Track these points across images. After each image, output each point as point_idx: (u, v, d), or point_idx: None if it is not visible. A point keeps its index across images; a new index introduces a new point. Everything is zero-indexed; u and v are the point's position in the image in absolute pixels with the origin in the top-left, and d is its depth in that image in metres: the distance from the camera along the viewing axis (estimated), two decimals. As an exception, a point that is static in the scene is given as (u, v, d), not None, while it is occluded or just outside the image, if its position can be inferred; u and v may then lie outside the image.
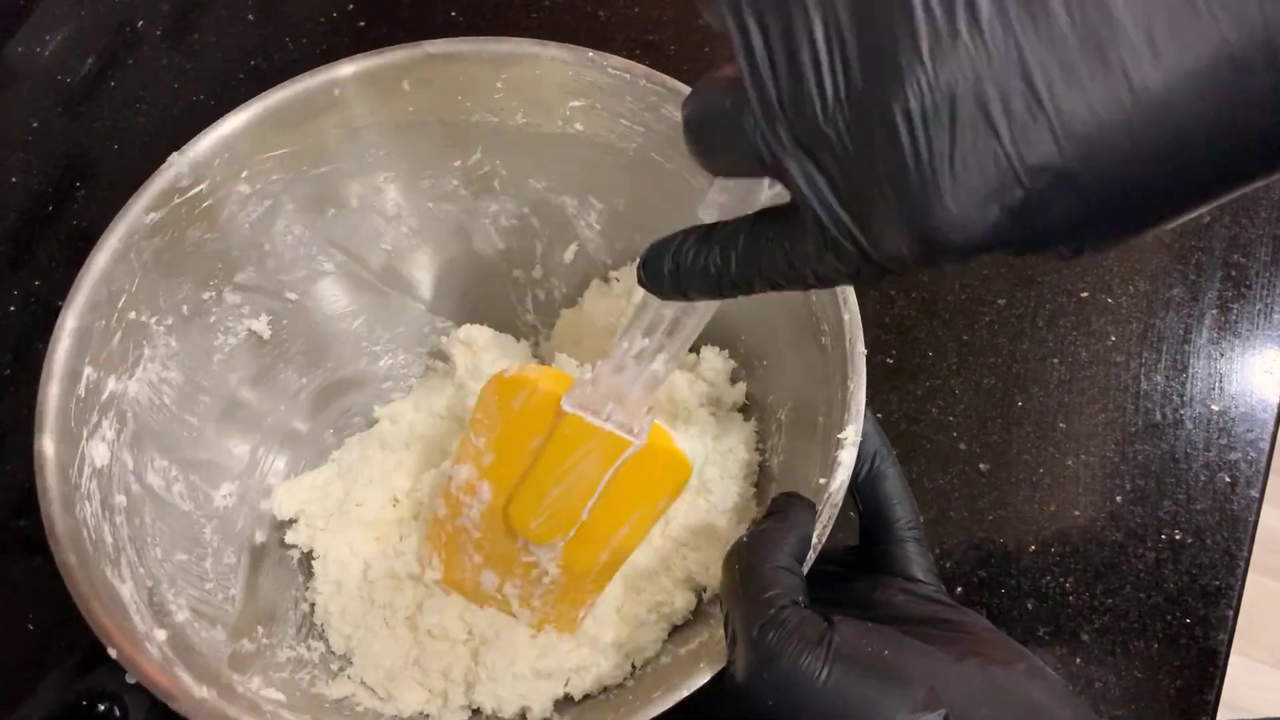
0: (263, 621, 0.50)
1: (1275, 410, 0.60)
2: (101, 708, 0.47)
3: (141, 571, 0.44)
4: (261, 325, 0.54)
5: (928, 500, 0.58)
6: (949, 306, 0.63)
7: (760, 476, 0.53)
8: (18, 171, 0.64)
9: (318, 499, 0.54)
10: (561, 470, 0.44)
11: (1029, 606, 0.56)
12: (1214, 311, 0.63)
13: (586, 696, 0.49)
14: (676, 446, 0.44)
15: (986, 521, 0.58)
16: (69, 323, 0.44)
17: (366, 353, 0.60)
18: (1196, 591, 0.56)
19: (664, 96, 0.50)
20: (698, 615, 0.51)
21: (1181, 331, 0.63)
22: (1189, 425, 0.60)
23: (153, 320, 0.48)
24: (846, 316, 0.44)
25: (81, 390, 0.44)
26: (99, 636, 0.39)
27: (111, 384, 0.46)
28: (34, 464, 0.42)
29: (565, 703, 0.49)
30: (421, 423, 0.58)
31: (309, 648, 0.51)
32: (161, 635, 0.42)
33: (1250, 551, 0.57)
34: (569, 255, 0.59)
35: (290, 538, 0.53)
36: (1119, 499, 0.58)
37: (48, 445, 0.42)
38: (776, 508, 0.42)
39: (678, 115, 0.48)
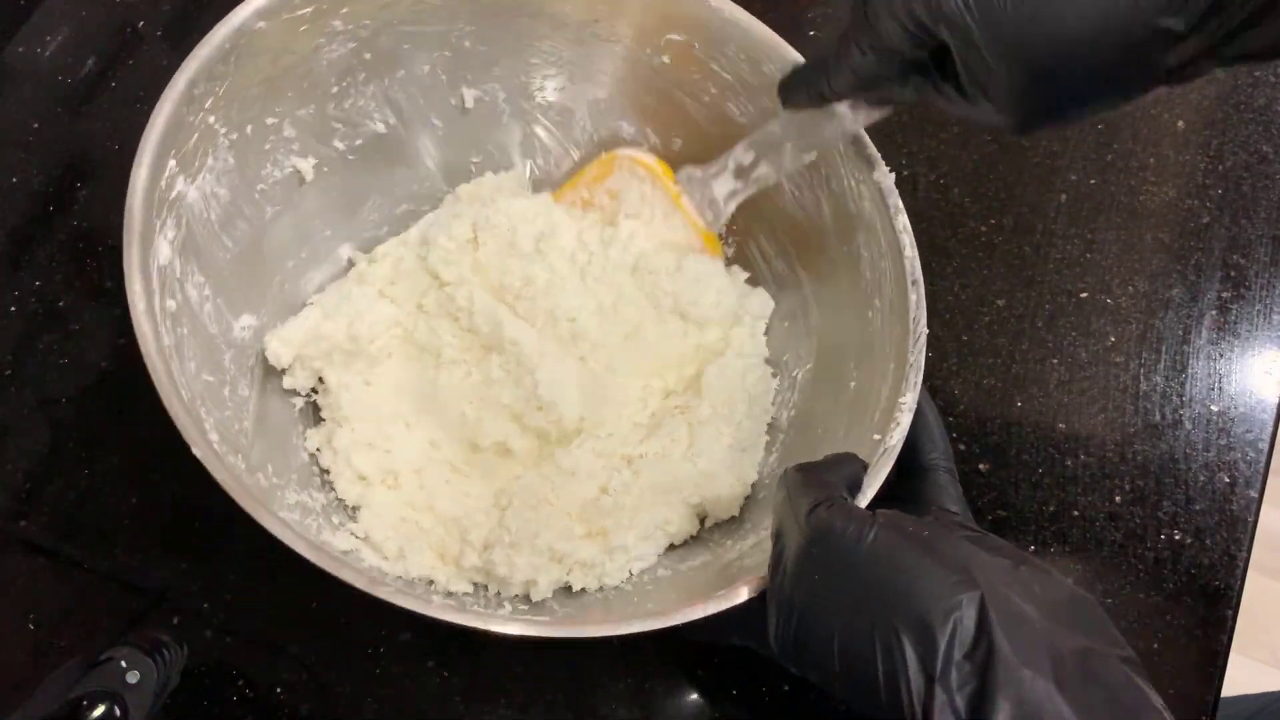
0: (273, 460, 0.50)
1: (1275, 410, 0.61)
2: (101, 708, 0.46)
3: (183, 380, 0.44)
4: (306, 166, 0.55)
5: (928, 500, 0.58)
6: (949, 306, 0.63)
7: (770, 427, 0.56)
8: (18, 171, 0.64)
9: (313, 341, 0.54)
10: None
11: (1029, 606, 0.56)
12: (1213, 312, 0.63)
13: (583, 590, 0.50)
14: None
15: (986, 521, 0.58)
16: (166, 108, 0.45)
17: (390, 217, 0.61)
18: (1196, 591, 0.56)
19: (768, 52, 0.53)
20: (698, 540, 0.53)
21: (1181, 332, 0.63)
22: (1188, 425, 0.60)
23: (223, 130, 0.49)
24: (913, 296, 0.49)
25: (163, 181, 0.45)
26: (183, 434, 0.40)
27: (180, 184, 0.47)
28: (123, 238, 0.42)
29: (564, 592, 0.51)
30: (402, 260, 0.59)
31: (311, 497, 0.51)
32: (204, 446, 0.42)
33: (1250, 551, 0.57)
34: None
35: (288, 383, 0.54)
36: (1119, 499, 0.58)
37: (138, 221, 0.43)
38: (828, 456, 0.45)
39: (775, 73, 0.52)
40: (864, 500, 0.44)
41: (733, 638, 0.46)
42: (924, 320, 0.48)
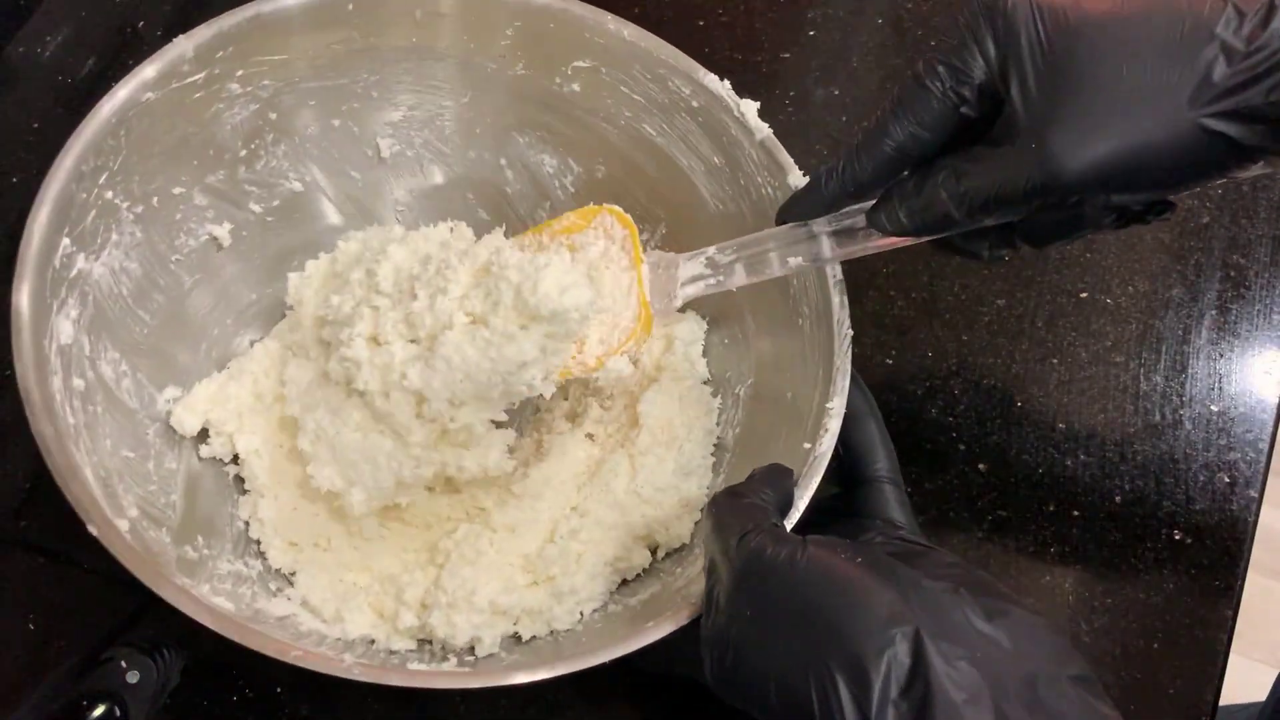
0: (203, 532, 0.49)
1: (1275, 410, 0.61)
2: (101, 708, 0.46)
3: (96, 460, 0.44)
4: (223, 232, 0.54)
5: (928, 500, 0.58)
6: (949, 307, 0.63)
7: (716, 448, 0.56)
8: (18, 171, 0.64)
9: (219, 405, 0.53)
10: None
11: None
12: (1213, 312, 0.63)
13: (534, 638, 0.50)
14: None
15: (986, 521, 0.58)
16: (54, 187, 0.44)
17: None
18: (1196, 591, 0.56)
19: (673, 70, 0.52)
20: (649, 572, 0.52)
21: (1181, 332, 0.63)
22: (1188, 425, 0.60)
23: (125, 205, 0.48)
24: (836, 299, 0.48)
25: (57, 261, 0.44)
26: (78, 512, 0.39)
27: (81, 261, 0.46)
28: (10, 326, 0.42)
29: (513, 641, 0.50)
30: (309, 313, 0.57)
31: (247, 564, 0.51)
32: (124, 525, 0.42)
33: (1250, 551, 0.57)
34: (539, 215, 0.60)
35: (205, 452, 0.53)
36: (1119, 499, 0.58)
37: (25, 308, 0.42)
38: (755, 471, 0.44)
39: (684, 89, 0.52)
40: (797, 513, 0.43)
41: (677, 668, 0.45)
42: (848, 323, 0.47)
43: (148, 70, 0.47)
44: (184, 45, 0.47)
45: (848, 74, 0.71)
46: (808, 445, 0.46)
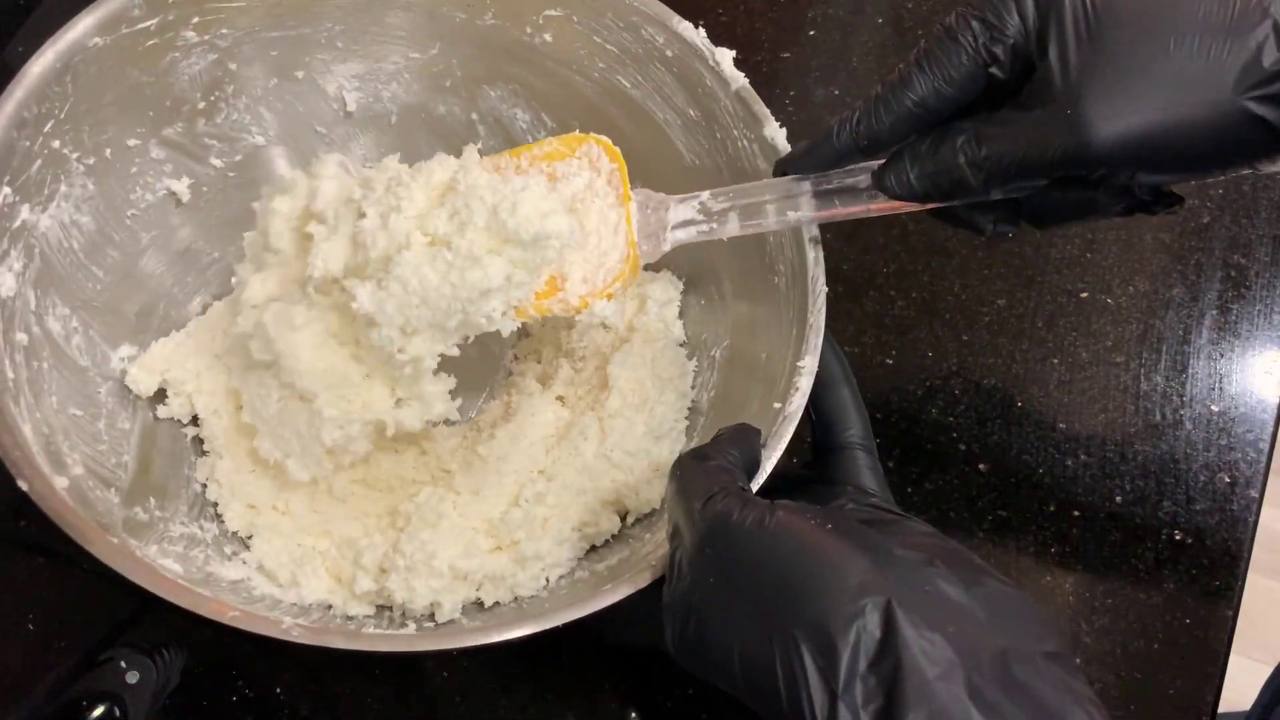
0: (155, 494, 0.48)
1: (1275, 411, 0.60)
2: (101, 708, 0.46)
3: (39, 416, 0.42)
4: (181, 187, 0.52)
5: (928, 500, 0.58)
6: (949, 306, 0.63)
7: (690, 411, 0.54)
8: (18, 171, 0.64)
9: (176, 364, 0.52)
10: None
11: (1029, 607, 0.56)
12: (1214, 312, 0.63)
13: (496, 604, 0.48)
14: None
15: (986, 521, 0.58)
16: None
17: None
18: (1196, 591, 0.56)
19: (646, 18, 0.50)
20: (618, 538, 0.51)
21: (1181, 332, 0.63)
22: (1189, 426, 0.60)
23: (75, 155, 0.47)
24: (811, 254, 0.46)
25: None
26: (9, 468, 0.38)
27: (25, 212, 0.44)
28: None
29: (474, 607, 0.49)
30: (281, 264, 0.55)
31: (201, 528, 0.49)
32: (63, 483, 0.40)
33: (1250, 552, 0.57)
34: None
35: (163, 412, 0.51)
36: (1119, 499, 0.58)
37: None
38: (722, 430, 0.42)
39: (657, 38, 0.50)
40: (764, 474, 0.42)
41: (646, 637, 0.43)
42: (823, 280, 0.46)
43: (94, 14, 0.44)
44: None
45: (848, 74, 0.70)
46: (778, 405, 0.44)
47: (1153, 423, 0.60)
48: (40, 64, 0.43)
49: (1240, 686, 0.71)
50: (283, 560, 0.49)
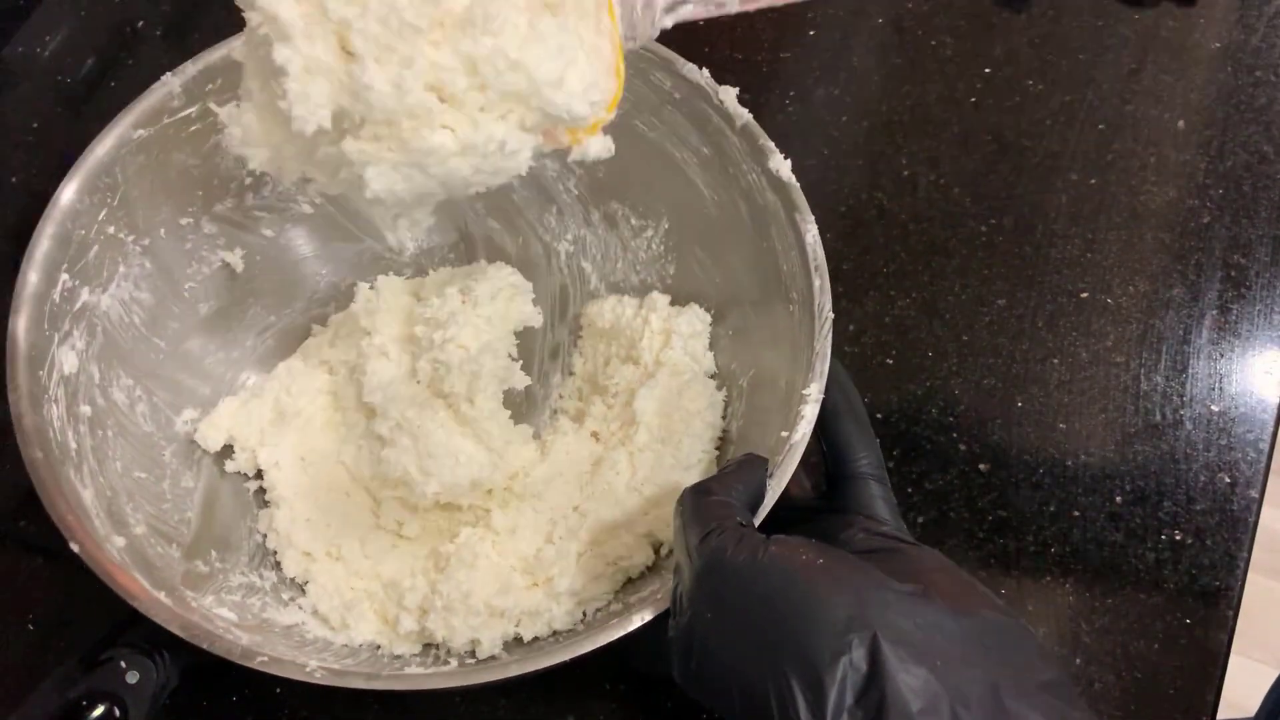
0: (217, 546, 0.50)
1: (1275, 411, 0.60)
2: (101, 708, 0.46)
3: (102, 481, 0.45)
4: (235, 258, 0.55)
5: (928, 500, 0.58)
6: (949, 306, 0.63)
7: (720, 440, 0.56)
8: (18, 171, 0.64)
9: (242, 422, 0.54)
10: None
11: (1029, 607, 0.56)
12: (1214, 312, 0.63)
13: (535, 639, 0.50)
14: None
15: (986, 521, 0.58)
16: (49, 227, 0.45)
17: (335, 295, 0.60)
18: (1196, 592, 0.56)
19: (653, 63, 0.52)
20: (652, 569, 0.52)
21: (1181, 332, 0.63)
22: (1189, 426, 0.60)
23: (130, 239, 0.49)
24: (816, 281, 0.47)
25: (57, 295, 0.45)
26: (63, 531, 0.41)
27: (85, 295, 0.47)
28: (5, 357, 0.43)
29: (514, 643, 0.50)
30: (342, 324, 0.59)
31: (261, 576, 0.52)
32: (120, 542, 0.43)
33: (1250, 552, 0.57)
34: (547, 220, 0.61)
35: (230, 466, 0.54)
36: (1119, 499, 0.58)
37: (21, 339, 0.44)
38: (730, 463, 0.44)
39: (665, 82, 0.52)
40: (766, 507, 0.42)
41: (659, 667, 0.44)
42: (828, 307, 0.47)
43: (136, 110, 0.47)
44: (171, 83, 0.48)
45: (848, 74, 0.71)
46: (784, 434, 0.45)
47: (1153, 423, 0.60)
48: (89, 161, 0.47)
49: (1240, 686, 0.71)
50: (335, 604, 0.51)
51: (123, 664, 0.48)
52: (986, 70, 0.70)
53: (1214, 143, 0.68)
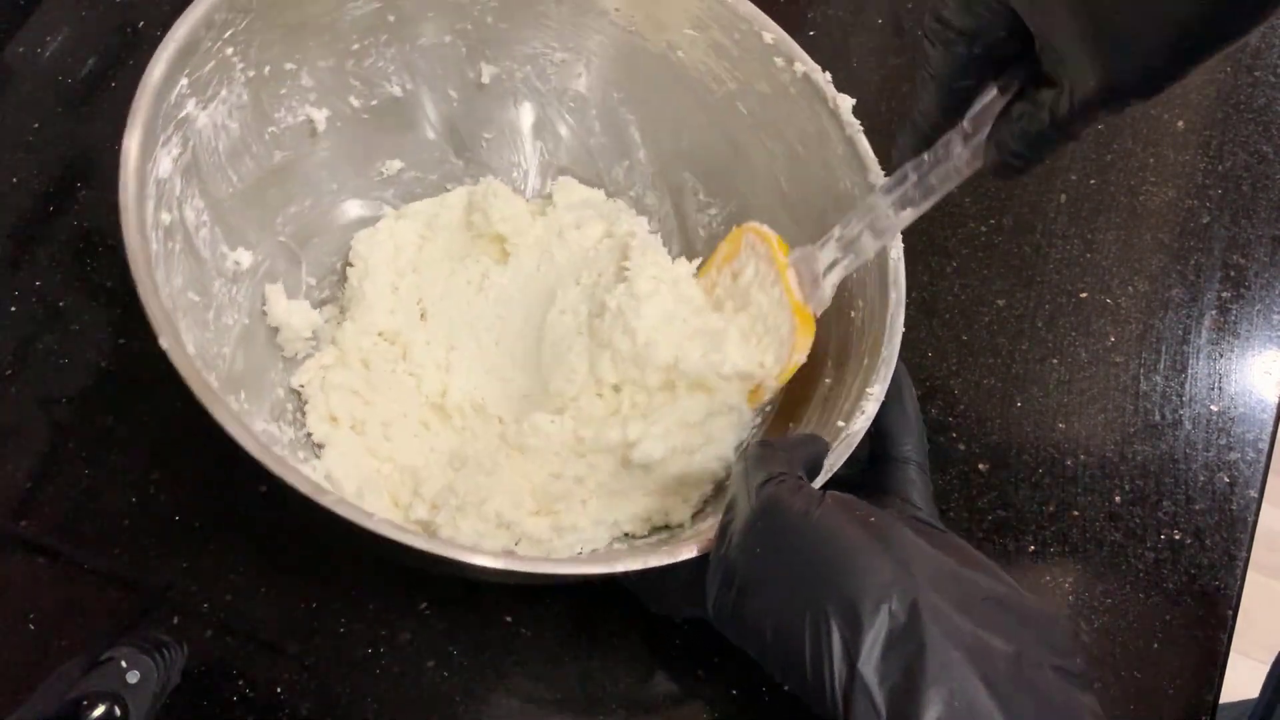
0: (245, 387, 0.51)
1: (1275, 410, 0.61)
2: (101, 708, 0.46)
3: (167, 291, 0.46)
4: (320, 117, 0.56)
5: (928, 500, 0.58)
6: (949, 306, 0.63)
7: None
8: (18, 171, 0.64)
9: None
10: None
11: (1029, 606, 0.56)
12: (1213, 312, 0.63)
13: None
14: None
15: (986, 521, 0.58)
16: (183, 29, 0.46)
17: (395, 181, 0.61)
18: (1196, 591, 0.56)
19: (776, 52, 0.54)
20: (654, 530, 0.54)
21: (1181, 332, 0.63)
22: (1188, 425, 0.60)
23: (240, 65, 0.51)
24: (894, 296, 0.49)
25: (173, 97, 0.47)
26: (154, 325, 0.40)
27: (190, 106, 0.48)
28: (121, 151, 0.44)
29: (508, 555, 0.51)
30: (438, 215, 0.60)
31: (279, 428, 0.53)
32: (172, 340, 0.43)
33: (1250, 551, 0.57)
34: (615, 172, 0.62)
35: (270, 320, 0.55)
36: (1118, 499, 0.58)
37: (136, 136, 0.44)
38: (793, 435, 0.46)
39: (783, 75, 0.54)
40: (819, 482, 0.43)
41: (683, 606, 0.46)
42: (901, 317, 0.48)
43: None
44: None
45: (848, 74, 0.71)
46: (841, 424, 0.46)
47: (1152, 423, 0.60)
48: None
49: (1240, 686, 0.71)
50: (350, 473, 0.52)
51: (123, 664, 0.48)
52: (986, 70, 0.70)
53: (1213, 143, 0.68)
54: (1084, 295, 0.64)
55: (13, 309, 0.60)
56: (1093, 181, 0.67)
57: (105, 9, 0.70)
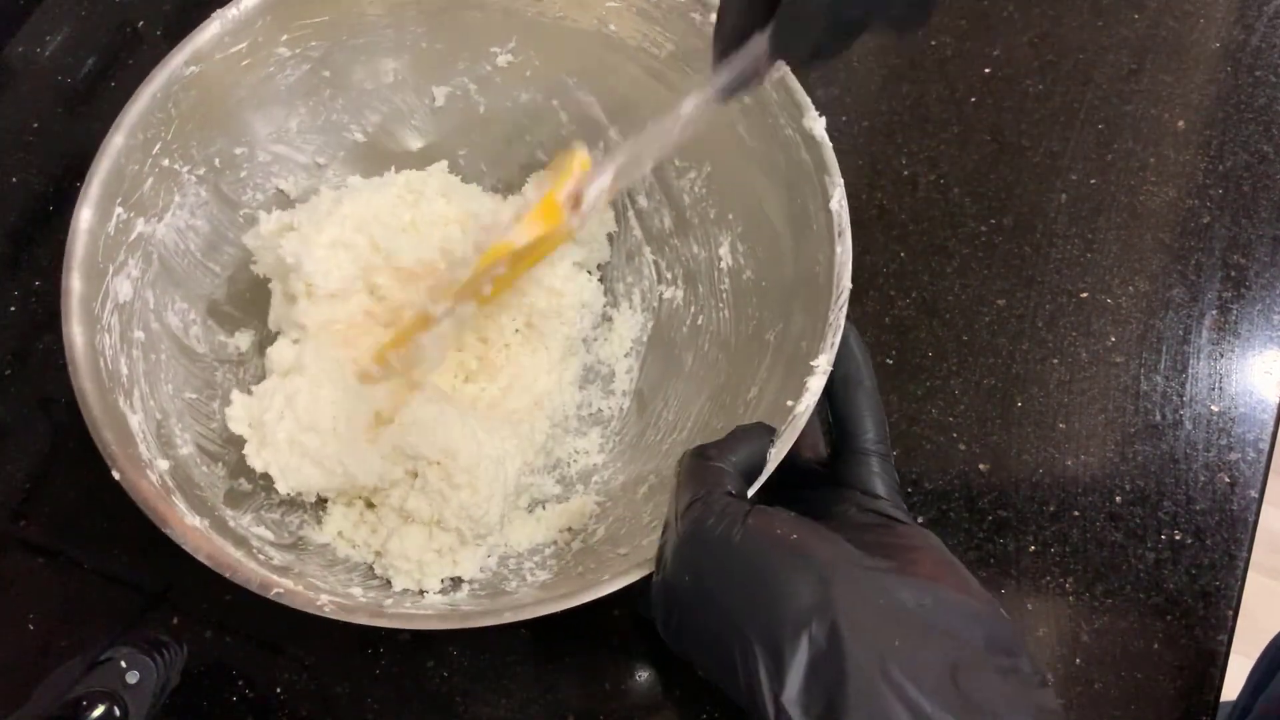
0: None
1: (1275, 410, 0.61)
2: (101, 708, 0.46)
3: (152, 404, 0.47)
4: (290, 185, 0.56)
5: (928, 500, 0.58)
6: (949, 306, 0.63)
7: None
8: (18, 171, 0.64)
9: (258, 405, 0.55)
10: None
11: (1029, 607, 0.56)
12: (1214, 312, 0.63)
13: (474, 580, 0.52)
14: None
15: (986, 521, 0.58)
16: (103, 164, 0.46)
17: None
18: (1196, 591, 0.56)
19: (692, 8, 0.52)
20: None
21: (1181, 332, 0.63)
22: (1189, 426, 0.60)
23: (185, 169, 0.51)
24: (838, 249, 0.46)
25: (111, 229, 0.47)
26: (106, 460, 0.42)
27: (140, 225, 0.48)
28: (60, 293, 0.44)
29: (452, 583, 0.52)
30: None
31: (302, 494, 0.52)
32: (164, 465, 0.44)
33: (1250, 552, 0.57)
34: (597, 155, 0.61)
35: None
36: (1119, 499, 0.58)
37: (75, 279, 0.45)
38: (737, 429, 0.44)
39: (708, 26, 0.51)
40: (766, 473, 0.43)
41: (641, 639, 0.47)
42: (847, 277, 0.45)
43: (187, 47, 0.48)
44: (215, 26, 0.48)
45: (848, 74, 0.71)
46: (790, 403, 0.44)
47: (1153, 423, 0.60)
48: (140, 99, 0.47)
49: (1240, 686, 0.71)
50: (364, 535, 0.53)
51: (123, 664, 0.48)
52: (986, 70, 0.70)
53: (1214, 143, 0.68)
54: (1084, 295, 0.64)
55: (13, 309, 0.60)
56: (1093, 181, 0.67)
57: (105, 9, 0.70)
